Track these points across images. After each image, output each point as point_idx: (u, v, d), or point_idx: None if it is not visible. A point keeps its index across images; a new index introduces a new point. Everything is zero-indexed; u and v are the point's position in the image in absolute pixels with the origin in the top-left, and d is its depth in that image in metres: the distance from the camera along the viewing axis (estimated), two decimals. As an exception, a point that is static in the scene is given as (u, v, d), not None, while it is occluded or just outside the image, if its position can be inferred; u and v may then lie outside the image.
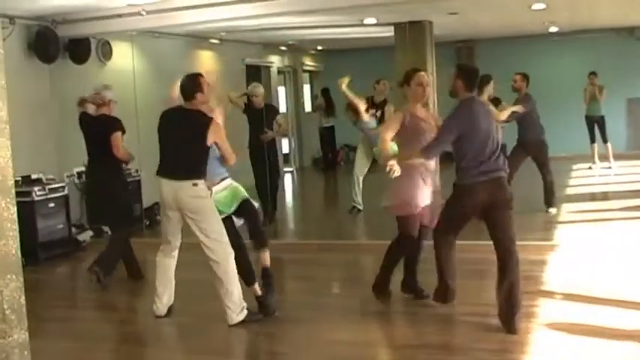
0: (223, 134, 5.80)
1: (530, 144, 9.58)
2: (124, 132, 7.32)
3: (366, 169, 10.06)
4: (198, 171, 5.73)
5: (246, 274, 5.93)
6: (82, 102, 7.62)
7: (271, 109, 10.42)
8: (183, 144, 5.72)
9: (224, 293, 5.71)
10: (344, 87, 9.26)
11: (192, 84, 5.77)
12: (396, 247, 6.02)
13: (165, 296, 6.15)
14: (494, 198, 5.34)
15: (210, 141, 5.68)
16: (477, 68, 5.77)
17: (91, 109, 7.51)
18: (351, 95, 9.44)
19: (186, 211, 5.72)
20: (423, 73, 6.01)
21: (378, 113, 9.95)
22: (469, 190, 5.39)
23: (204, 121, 5.69)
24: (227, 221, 5.96)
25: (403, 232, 5.91)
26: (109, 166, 7.34)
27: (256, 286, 5.97)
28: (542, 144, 9.61)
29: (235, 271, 5.73)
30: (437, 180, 6.59)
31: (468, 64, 6.09)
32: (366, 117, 9.52)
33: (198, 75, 5.83)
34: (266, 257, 6.17)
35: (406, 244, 5.97)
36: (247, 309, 5.81)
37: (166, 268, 6.15)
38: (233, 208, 6.05)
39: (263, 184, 9.99)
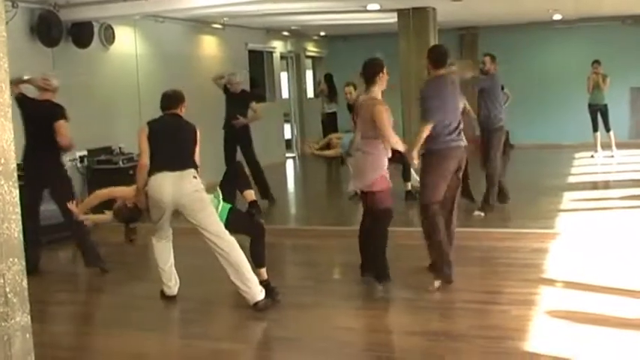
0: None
1: (482, 129, 9.10)
2: (68, 120, 7.17)
3: None
4: (194, 163, 5.96)
5: (256, 256, 5.97)
6: (19, 82, 7.21)
7: (246, 95, 10.53)
8: (180, 142, 6.00)
9: (239, 278, 5.73)
10: (316, 152, 10.07)
11: (179, 96, 6.19)
12: (380, 225, 6.10)
13: (172, 276, 6.25)
14: (460, 163, 6.18)
15: (198, 143, 6.05)
16: (444, 49, 6.41)
17: (30, 91, 7.29)
18: (325, 153, 10.09)
19: (186, 205, 5.79)
20: None
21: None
22: (441, 154, 6.05)
23: (193, 126, 6.14)
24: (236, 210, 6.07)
25: (385, 206, 6.06)
26: (51, 154, 7.19)
27: (264, 270, 5.99)
28: (494, 131, 8.89)
29: (242, 254, 5.77)
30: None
31: (436, 45, 6.71)
32: (335, 152, 9.89)
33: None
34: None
35: (388, 218, 6.11)
36: None
37: (164, 249, 6.25)
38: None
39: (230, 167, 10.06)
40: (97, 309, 6.51)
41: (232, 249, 5.73)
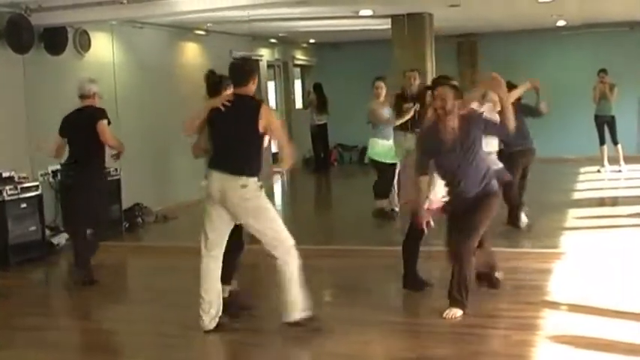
0: (277, 121, 5.79)
1: None
2: (109, 122, 7.49)
3: None
4: (250, 167, 5.65)
5: (224, 273, 5.87)
6: None
7: None
8: (233, 134, 5.64)
9: (283, 289, 5.68)
10: None
11: (249, 69, 5.86)
12: None
13: (214, 306, 5.78)
14: None
15: (261, 126, 5.59)
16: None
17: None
18: None
19: (236, 214, 5.65)
20: None
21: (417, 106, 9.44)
22: None
23: (253, 104, 5.66)
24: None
25: None
26: (90, 165, 7.50)
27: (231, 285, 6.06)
28: None
29: (296, 266, 5.67)
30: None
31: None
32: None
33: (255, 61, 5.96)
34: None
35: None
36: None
37: (211, 272, 5.78)
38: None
39: None
40: (70, 334, 6.47)
41: (283, 257, 5.69)
